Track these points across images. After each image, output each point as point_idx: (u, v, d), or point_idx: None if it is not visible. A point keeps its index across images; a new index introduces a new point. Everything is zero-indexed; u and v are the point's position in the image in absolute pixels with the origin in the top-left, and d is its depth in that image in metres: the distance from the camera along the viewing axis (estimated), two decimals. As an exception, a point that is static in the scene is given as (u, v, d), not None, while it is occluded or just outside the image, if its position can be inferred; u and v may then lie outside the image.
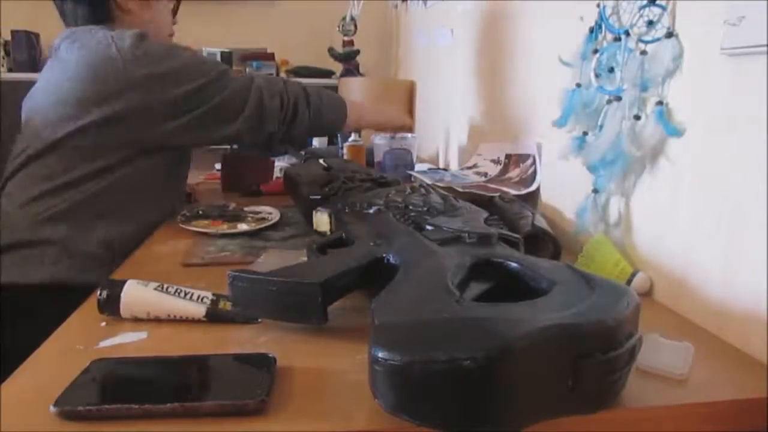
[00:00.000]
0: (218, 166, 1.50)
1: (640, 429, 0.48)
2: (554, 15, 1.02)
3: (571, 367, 0.41)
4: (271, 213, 1.09)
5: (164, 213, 1.10)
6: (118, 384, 0.49)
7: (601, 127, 0.80)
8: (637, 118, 0.74)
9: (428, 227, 0.69)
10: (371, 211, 0.79)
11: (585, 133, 0.85)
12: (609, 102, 0.78)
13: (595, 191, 0.84)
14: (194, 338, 0.60)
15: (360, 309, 0.65)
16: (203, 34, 2.91)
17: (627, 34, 0.76)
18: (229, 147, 2.11)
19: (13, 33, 2.84)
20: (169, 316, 0.63)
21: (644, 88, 0.73)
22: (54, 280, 0.97)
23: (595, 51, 0.82)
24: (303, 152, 1.74)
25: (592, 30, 0.84)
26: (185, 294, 0.64)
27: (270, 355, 0.52)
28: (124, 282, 0.64)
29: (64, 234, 1.00)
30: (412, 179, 1.29)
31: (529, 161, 1.08)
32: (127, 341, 0.59)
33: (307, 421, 0.45)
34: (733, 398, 0.50)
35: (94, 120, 0.98)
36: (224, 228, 0.99)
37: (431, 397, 0.39)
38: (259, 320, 0.63)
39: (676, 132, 0.69)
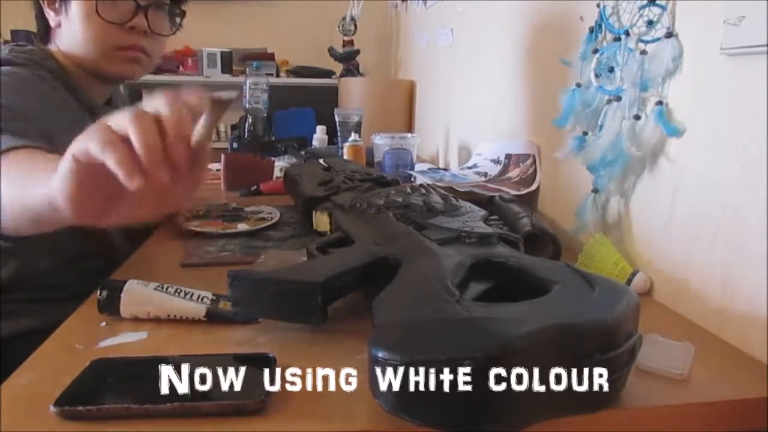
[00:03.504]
0: (218, 166, 1.50)
1: (640, 429, 0.48)
2: (554, 15, 1.02)
3: (571, 367, 0.41)
4: (271, 213, 1.09)
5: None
6: (118, 384, 0.49)
7: (601, 127, 0.80)
8: (637, 118, 0.74)
9: (428, 227, 0.69)
10: (371, 211, 0.79)
11: (585, 133, 0.85)
12: (609, 102, 0.78)
13: (595, 191, 0.84)
14: (194, 338, 0.60)
15: (360, 309, 0.65)
16: (203, 34, 2.92)
17: (627, 34, 0.76)
18: (229, 148, 2.11)
19: (13, 33, 2.84)
20: (169, 316, 0.63)
21: (644, 88, 0.73)
22: None
23: (595, 51, 0.82)
24: (303, 152, 1.75)
25: (592, 30, 0.84)
26: (185, 294, 0.64)
27: (270, 355, 0.52)
28: (124, 282, 0.64)
29: None
30: (412, 179, 1.29)
31: (529, 161, 1.08)
32: (127, 341, 0.59)
33: (307, 421, 0.45)
34: (733, 398, 0.50)
35: None
36: (224, 228, 0.99)
37: (431, 397, 0.39)
38: (259, 320, 0.63)
39: (676, 132, 0.69)
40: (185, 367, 0.52)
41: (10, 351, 0.70)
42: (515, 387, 0.39)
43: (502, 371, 0.38)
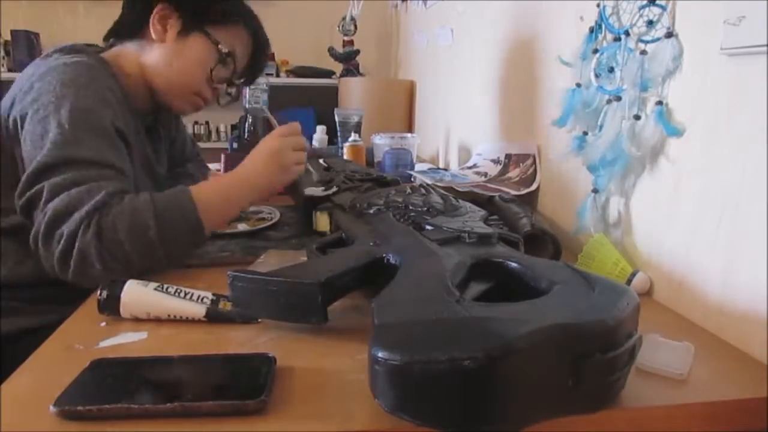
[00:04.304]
0: (218, 166, 1.49)
1: (640, 429, 0.48)
2: (554, 15, 1.02)
3: (571, 367, 0.41)
4: (271, 213, 1.09)
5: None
6: (118, 384, 0.49)
7: (601, 127, 0.80)
8: (637, 118, 0.74)
9: (428, 227, 0.69)
10: (371, 211, 0.79)
11: (585, 133, 0.85)
12: (609, 102, 0.78)
13: (595, 191, 0.84)
14: (194, 338, 0.60)
15: (360, 309, 0.65)
16: (203, 34, 2.91)
17: (627, 34, 0.76)
18: (229, 148, 2.11)
19: (13, 33, 2.84)
20: (169, 316, 0.63)
21: (644, 88, 0.73)
22: None
23: (595, 51, 0.82)
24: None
25: (592, 30, 0.84)
26: (185, 294, 0.64)
27: (270, 355, 0.52)
28: (124, 282, 0.64)
29: None
30: (412, 179, 1.29)
31: (529, 161, 1.08)
32: (127, 341, 0.59)
33: (307, 421, 0.45)
34: (733, 398, 0.50)
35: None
36: (224, 228, 0.99)
37: (431, 397, 0.39)
38: (259, 320, 0.63)
39: (676, 132, 0.69)
40: (185, 367, 0.52)
41: (10, 350, 0.70)
42: (515, 387, 0.39)
43: (502, 371, 0.38)
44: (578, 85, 0.86)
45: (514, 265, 0.56)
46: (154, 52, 0.97)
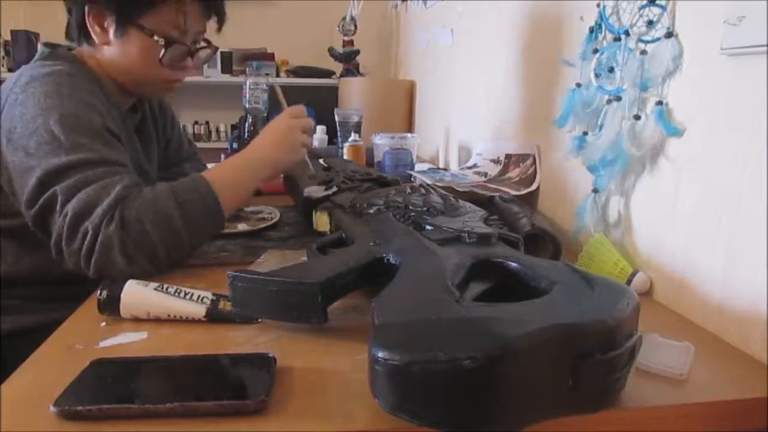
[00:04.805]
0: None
1: (640, 429, 0.48)
2: (554, 15, 1.02)
3: (571, 367, 0.41)
4: (271, 213, 1.09)
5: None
6: (118, 384, 0.49)
7: (601, 127, 0.80)
8: (637, 118, 0.74)
9: (428, 227, 0.69)
10: (371, 211, 0.79)
11: (585, 133, 0.85)
12: (609, 102, 0.78)
13: (595, 191, 0.84)
14: (194, 338, 0.60)
15: (360, 309, 0.65)
16: (203, 34, 2.91)
17: (627, 34, 0.76)
18: (229, 148, 2.11)
19: (13, 33, 2.84)
20: (169, 316, 0.63)
21: (644, 88, 0.73)
22: None
23: (595, 51, 0.82)
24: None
25: (592, 30, 0.84)
26: (185, 294, 0.64)
27: (270, 355, 0.52)
28: (124, 282, 0.64)
29: None
30: (412, 179, 1.29)
31: (529, 161, 1.08)
32: (127, 341, 0.59)
33: (307, 421, 0.45)
34: (733, 398, 0.50)
35: None
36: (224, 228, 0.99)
37: (431, 397, 0.39)
38: (259, 320, 0.63)
39: (676, 132, 0.69)
40: (185, 367, 0.52)
41: (10, 349, 0.71)
42: (515, 387, 0.39)
43: (502, 371, 0.38)
44: (578, 85, 0.86)
45: (514, 265, 0.56)
46: (105, 53, 0.95)
